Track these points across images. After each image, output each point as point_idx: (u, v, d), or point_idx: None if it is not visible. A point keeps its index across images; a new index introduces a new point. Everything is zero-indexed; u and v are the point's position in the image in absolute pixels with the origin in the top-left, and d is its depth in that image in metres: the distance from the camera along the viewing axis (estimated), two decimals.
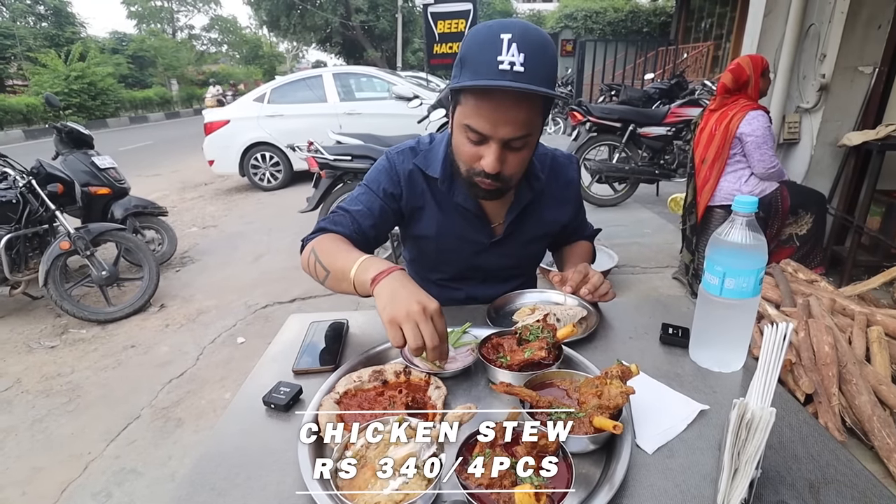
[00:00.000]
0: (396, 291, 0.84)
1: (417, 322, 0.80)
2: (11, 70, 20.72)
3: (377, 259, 0.95)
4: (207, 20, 39.58)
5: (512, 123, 0.93)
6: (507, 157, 0.98)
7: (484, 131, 0.94)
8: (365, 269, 0.93)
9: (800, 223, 2.92)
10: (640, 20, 18.79)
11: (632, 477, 0.65)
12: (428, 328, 0.80)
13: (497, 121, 0.93)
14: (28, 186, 3.20)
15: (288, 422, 0.80)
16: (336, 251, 1.04)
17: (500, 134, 0.94)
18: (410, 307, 0.80)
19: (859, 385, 1.81)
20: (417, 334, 0.79)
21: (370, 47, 22.14)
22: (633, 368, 0.74)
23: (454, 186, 1.16)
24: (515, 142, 0.96)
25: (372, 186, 1.18)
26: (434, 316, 0.82)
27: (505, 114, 0.92)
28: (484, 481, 0.58)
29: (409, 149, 1.21)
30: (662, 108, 5.14)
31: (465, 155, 1.01)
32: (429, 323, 0.80)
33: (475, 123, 0.94)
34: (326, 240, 1.09)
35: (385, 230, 1.22)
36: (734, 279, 0.82)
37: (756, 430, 0.54)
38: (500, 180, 1.01)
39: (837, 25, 3.15)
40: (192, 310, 3.47)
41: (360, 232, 1.14)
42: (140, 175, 8.03)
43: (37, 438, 2.27)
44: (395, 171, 1.18)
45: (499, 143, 0.95)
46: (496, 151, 0.96)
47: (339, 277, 0.99)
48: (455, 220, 1.20)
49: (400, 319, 0.80)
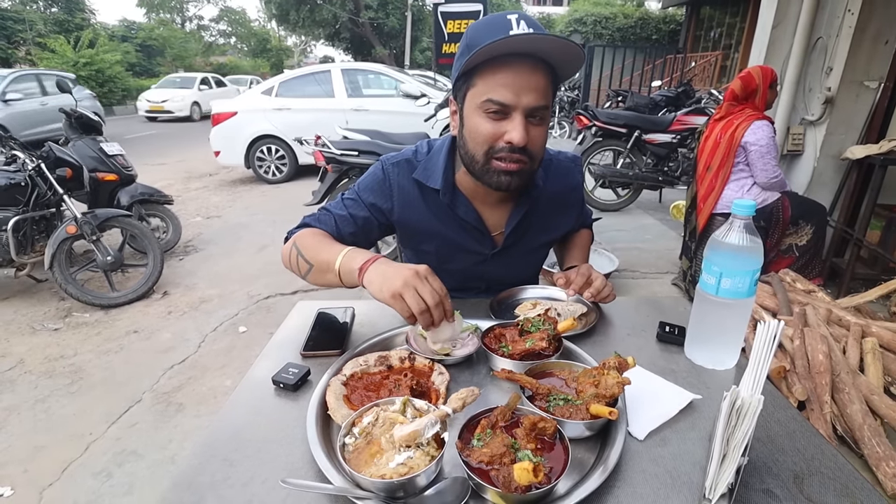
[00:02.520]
0: (385, 272, 0.88)
1: (415, 286, 0.84)
2: (20, 54, 20.77)
3: (360, 250, 0.98)
4: (217, 11, 39.69)
5: (534, 90, 0.95)
6: (531, 132, 0.98)
7: (507, 101, 0.94)
8: (350, 258, 0.96)
9: (800, 234, 2.94)
10: (650, 27, 18.81)
11: (625, 462, 0.68)
12: (426, 288, 0.85)
13: (520, 88, 0.94)
14: (37, 170, 3.23)
15: (296, 400, 0.83)
16: (319, 245, 1.06)
17: (524, 102, 0.94)
18: (405, 276, 0.85)
19: (852, 394, 1.84)
20: (419, 299, 0.84)
21: (378, 44, 22.15)
22: (630, 361, 0.77)
23: (456, 198, 1.15)
24: (537, 112, 0.97)
25: (361, 195, 1.18)
26: (427, 276, 0.86)
27: (526, 80, 0.94)
28: (484, 458, 0.62)
29: (406, 161, 1.18)
30: (668, 116, 5.17)
31: (485, 134, 0.99)
32: (425, 283, 0.85)
33: (498, 94, 0.94)
34: (309, 234, 1.10)
35: (366, 240, 1.21)
36: (730, 279, 0.85)
37: (745, 416, 0.58)
38: (527, 156, 1.00)
39: (845, 40, 3.17)
40: (195, 298, 3.51)
41: (339, 236, 1.15)
42: (146, 163, 8.07)
43: (39, 418, 2.30)
44: (388, 183, 1.17)
45: (522, 114, 0.95)
46: (522, 122, 0.95)
47: (322, 269, 1.02)
48: (454, 232, 1.19)
49: (399, 289, 0.84)
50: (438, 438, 0.66)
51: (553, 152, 1.27)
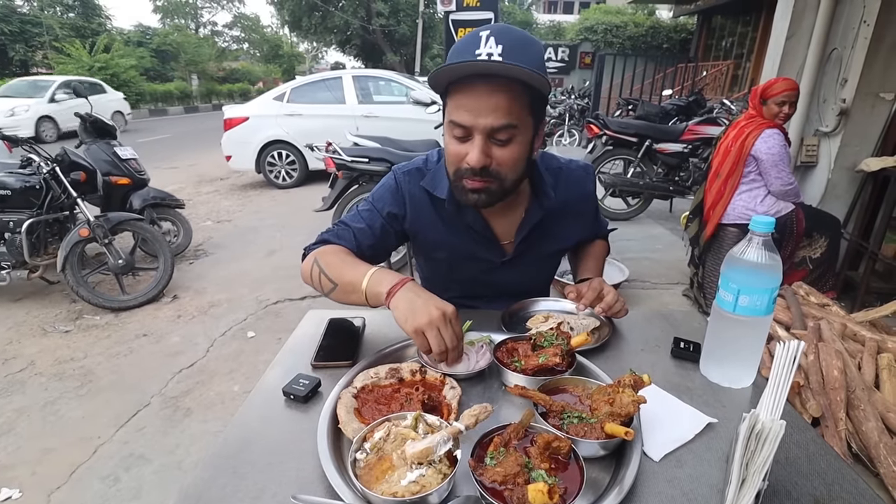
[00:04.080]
0: (413, 301, 0.88)
1: (439, 328, 0.85)
2: (37, 58, 21.14)
3: (387, 271, 0.98)
4: (230, 17, 40.14)
5: (492, 111, 0.93)
6: (494, 152, 0.97)
7: (465, 122, 0.94)
8: (378, 281, 0.96)
9: (814, 246, 2.91)
10: (661, 36, 18.77)
11: (640, 483, 0.67)
12: (448, 332, 0.85)
13: (477, 110, 0.93)
14: (52, 173, 3.27)
15: (306, 413, 0.82)
16: (342, 264, 1.05)
17: (482, 124, 0.93)
18: (431, 315, 0.85)
19: (867, 411, 1.80)
20: (441, 340, 0.84)
21: (389, 51, 22.32)
22: (645, 378, 0.76)
23: (462, 206, 1.14)
24: (500, 133, 0.95)
25: (377, 205, 1.19)
26: (452, 319, 0.87)
27: (484, 102, 0.92)
28: (498, 478, 0.61)
29: (417, 169, 1.20)
30: (680, 125, 5.15)
31: (452, 155, 1.01)
32: (448, 327, 0.86)
33: (457, 117, 0.95)
34: (330, 252, 1.10)
35: (385, 249, 1.22)
36: (748, 297, 0.83)
37: (765, 442, 0.56)
38: (491, 177, 0.99)
39: (860, 51, 3.15)
40: (204, 302, 3.52)
41: (359, 249, 1.15)
42: (158, 167, 8.14)
43: (48, 420, 2.31)
44: (401, 191, 1.19)
45: (482, 135, 0.95)
46: (480, 144, 0.95)
47: (347, 290, 1.01)
48: (464, 241, 1.19)
49: (423, 327, 0.85)
50: (451, 456, 0.65)
51: (564, 161, 1.26)
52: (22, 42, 19.94)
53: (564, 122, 10.13)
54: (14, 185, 3.20)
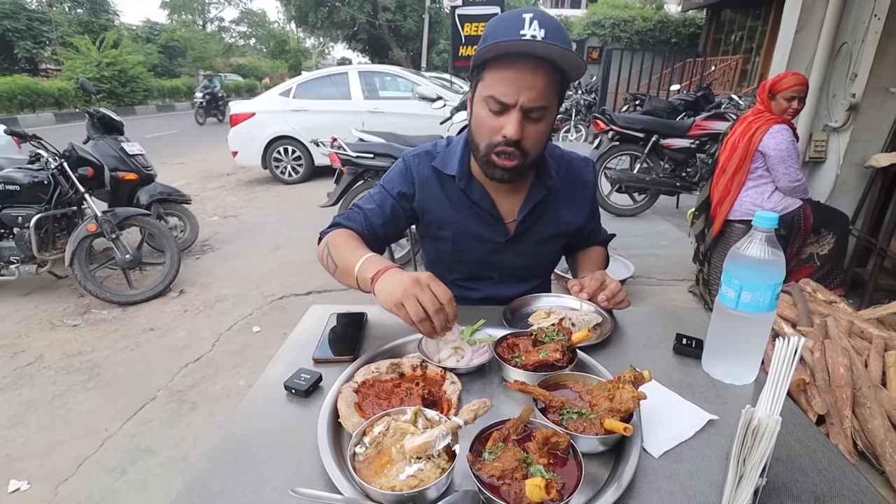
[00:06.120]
0: (391, 281, 0.90)
1: (415, 294, 0.85)
2: (46, 54, 21.26)
3: (378, 258, 1.02)
4: (237, 13, 40.24)
5: (533, 89, 0.98)
6: (527, 128, 1.03)
7: (506, 99, 0.99)
8: (366, 267, 0.99)
9: (821, 243, 2.88)
10: (669, 30, 18.61)
11: (639, 479, 0.67)
12: (426, 296, 0.86)
13: (520, 86, 0.98)
14: (60, 169, 3.30)
15: (307, 407, 0.83)
16: (345, 247, 1.10)
17: (522, 100, 0.99)
18: (405, 285, 0.87)
19: (873, 409, 1.79)
20: (418, 307, 0.85)
21: (396, 46, 22.26)
22: (645, 375, 0.76)
23: (471, 184, 1.20)
24: (534, 112, 1.01)
25: (387, 187, 1.25)
26: (430, 283, 0.87)
27: (527, 80, 0.97)
28: (496, 472, 0.61)
29: (426, 152, 1.26)
30: (687, 121, 5.10)
31: (486, 128, 1.05)
32: (426, 291, 0.86)
33: (498, 91, 0.99)
34: (339, 235, 1.16)
35: (396, 229, 1.28)
36: (751, 293, 0.83)
37: (762, 438, 0.56)
38: (520, 151, 1.05)
39: (871, 45, 3.10)
40: (211, 297, 3.55)
41: (371, 229, 1.21)
42: (165, 163, 8.19)
43: (56, 413, 2.34)
44: (410, 172, 1.25)
45: (520, 111, 1.00)
46: (518, 118, 1.00)
47: (345, 273, 1.06)
48: (470, 220, 1.24)
49: (399, 298, 0.86)
50: (449, 450, 0.65)
51: (567, 151, 1.33)
52: (30, 39, 20.05)
53: (571, 117, 10.07)
54: (23, 181, 3.24)
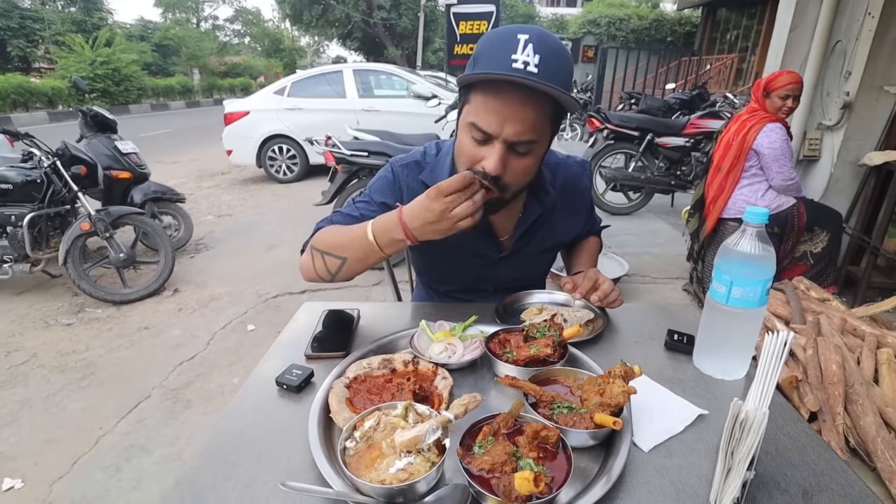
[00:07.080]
0: (415, 212, 0.91)
1: (451, 202, 0.87)
2: (39, 53, 21.13)
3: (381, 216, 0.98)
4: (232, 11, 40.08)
5: (520, 122, 0.90)
6: (511, 163, 0.94)
7: (490, 129, 0.91)
8: (380, 223, 0.96)
9: (815, 241, 2.90)
10: (665, 29, 18.66)
11: (629, 473, 0.67)
12: (451, 200, 0.87)
13: (504, 118, 0.89)
14: (52, 167, 3.28)
15: (299, 402, 0.83)
16: (340, 235, 1.05)
17: (506, 133, 0.90)
18: (433, 209, 0.88)
19: (865, 406, 1.80)
20: (463, 208, 0.87)
21: (391, 45, 22.21)
22: (636, 369, 0.76)
23: None
24: (520, 146, 0.93)
25: (373, 196, 1.18)
26: (441, 187, 0.87)
27: (513, 111, 0.89)
28: (485, 466, 0.61)
29: (415, 163, 1.19)
30: (682, 119, 5.11)
31: (467, 155, 0.97)
32: (440, 196, 0.87)
33: (481, 121, 0.91)
34: (326, 233, 1.09)
35: None
36: (741, 288, 0.83)
37: (750, 431, 0.56)
38: (499, 187, 0.95)
39: (865, 44, 3.12)
40: (205, 295, 3.54)
41: None
42: (159, 162, 8.15)
43: (50, 412, 2.33)
44: (399, 185, 1.17)
45: (503, 144, 0.92)
46: (500, 152, 0.92)
47: (358, 257, 1.01)
48: (462, 236, 1.15)
49: (441, 215, 0.88)
50: (440, 444, 0.65)
51: (562, 156, 1.26)
52: (22, 37, 19.92)
53: (566, 116, 10.07)
54: (15, 179, 3.22)
